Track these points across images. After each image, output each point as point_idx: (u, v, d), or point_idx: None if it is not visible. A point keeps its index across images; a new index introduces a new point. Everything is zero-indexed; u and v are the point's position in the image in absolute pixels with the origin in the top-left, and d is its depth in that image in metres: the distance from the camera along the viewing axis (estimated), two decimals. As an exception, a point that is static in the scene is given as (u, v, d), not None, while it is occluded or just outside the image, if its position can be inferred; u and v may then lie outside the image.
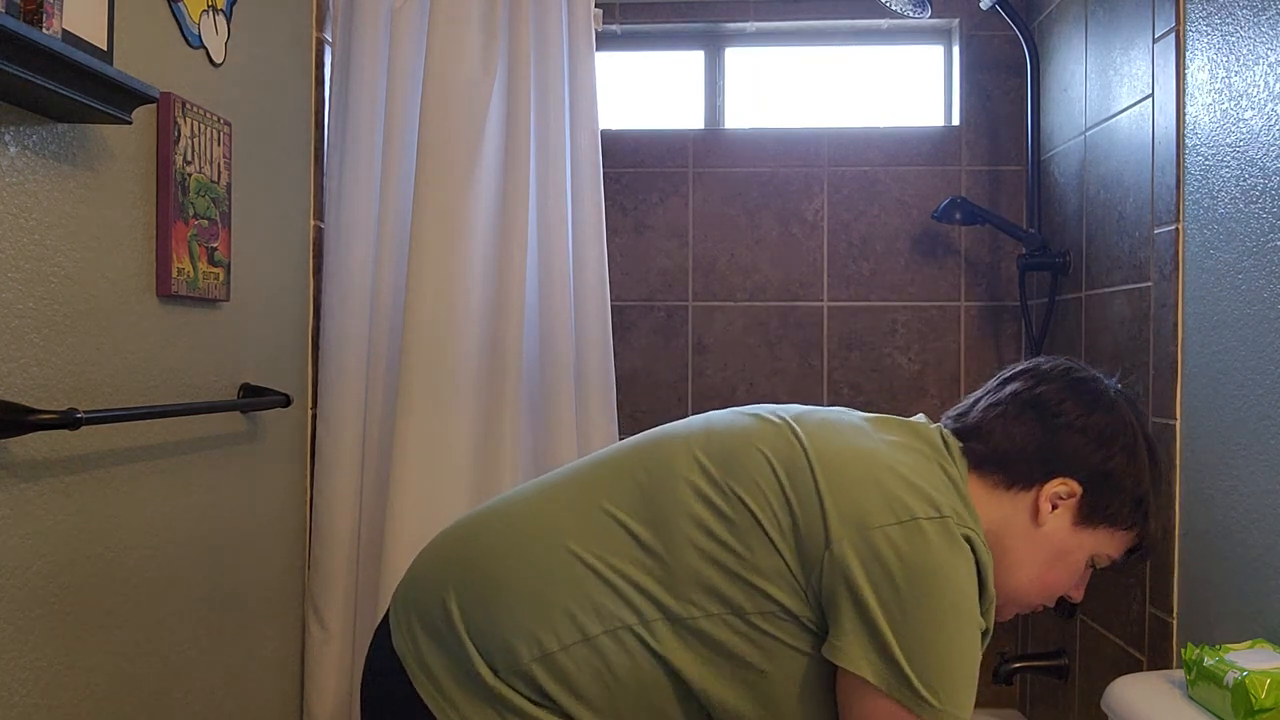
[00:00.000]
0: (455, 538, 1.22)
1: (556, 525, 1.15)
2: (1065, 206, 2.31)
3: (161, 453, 1.57)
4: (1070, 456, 1.17)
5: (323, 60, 2.14)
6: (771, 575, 1.08)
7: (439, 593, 1.16)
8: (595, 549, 1.12)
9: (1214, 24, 1.63)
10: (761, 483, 1.11)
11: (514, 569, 1.13)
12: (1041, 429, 1.17)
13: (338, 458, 2.06)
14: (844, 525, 1.06)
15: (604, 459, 1.23)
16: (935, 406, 2.61)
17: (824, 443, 1.14)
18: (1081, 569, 1.22)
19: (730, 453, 1.15)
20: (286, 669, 2.03)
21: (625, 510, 1.14)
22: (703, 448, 1.16)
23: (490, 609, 1.12)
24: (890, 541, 1.05)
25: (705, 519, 1.10)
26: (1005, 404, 1.20)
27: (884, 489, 1.08)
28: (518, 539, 1.16)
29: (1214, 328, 1.62)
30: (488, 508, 1.25)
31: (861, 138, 2.62)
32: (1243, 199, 1.54)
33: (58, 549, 1.33)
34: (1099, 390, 1.21)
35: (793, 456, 1.12)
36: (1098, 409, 1.18)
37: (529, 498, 1.22)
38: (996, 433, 1.19)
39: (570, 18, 2.14)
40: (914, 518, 1.06)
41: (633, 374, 2.64)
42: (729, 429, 1.19)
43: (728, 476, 1.12)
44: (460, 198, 2.04)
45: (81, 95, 1.21)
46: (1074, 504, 1.18)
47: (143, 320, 1.52)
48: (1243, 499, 1.53)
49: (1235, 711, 1.25)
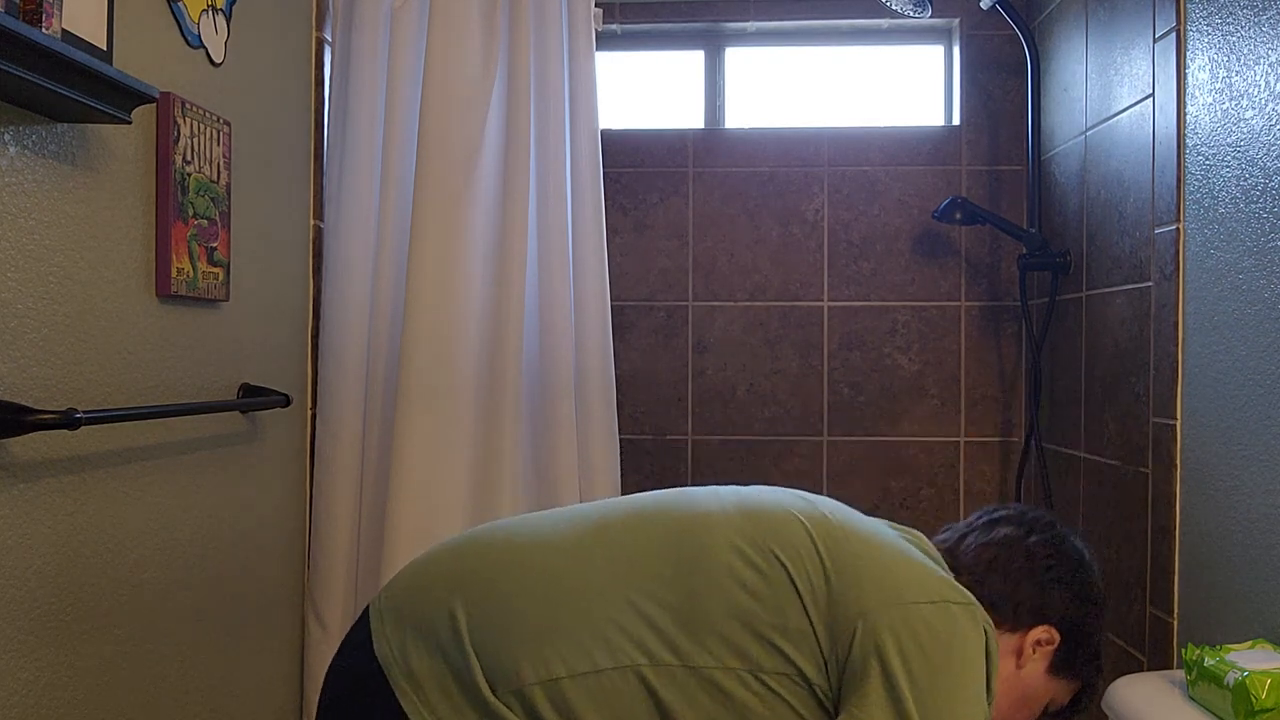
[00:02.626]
0: (466, 552, 1.21)
1: (582, 553, 1.16)
2: (1066, 206, 2.31)
3: (161, 453, 1.57)
4: (1056, 608, 1.24)
5: (323, 60, 2.14)
6: (796, 638, 1.10)
7: (445, 603, 1.15)
8: (621, 583, 1.13)
9: (1214, 24, 1.63)
10: (799, 547, 1.15)
11: (533, 589, 1.13)
12: (1033, 580, 1.25)
13: (337, 457, 2.06)
14: (880, 598, 1.10)
15: (631, 500, 1.26)
16: (935, 407, 2.61)
17: (852, 523, 1.20)
18: (1038, 714, 1.30)
19: (768, 514, 1.19)
20: (286, 668, 2.03)
21: (656, 552, 1.15)
22: (738, 508, 1.21)
23: (501, 624, 1.11)
24: (923, 619, 1.09)
25: (740, 571, 1.13)
26: (998, 548, 1.27)
27: (915, 573, 1.14)
28: (540, 560, 1.16)
29: (1214, 328, 1.62)
30: (503, 527, 1.24)
31: (861, 138, 2.62)
32: (1243, 199, 1.54)
33: (57, 549, 1.33)
34: (1080, 549, 1.30)
35: (829, 529, 1.17)
36: (1081, 567, 1.27)
37: (553, 523, 1.22)
38: (992, 576, 1.25)
39: (570, 18, 2.14)
40: (945, 600, 1.11)
41: (633, 374, 2.64)
42: (761, 496, 1.25)
43: (766, 537, 1.16)
44: (460, 198, 2.04)
45: (81, 95, 1.21)
46: (1050, 651, 1.25)
47: (142, 320, 1.52)
48: (1243, 499, 1.53)
49: (1236, 712, 1.25)
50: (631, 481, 2.64)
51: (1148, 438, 1.85)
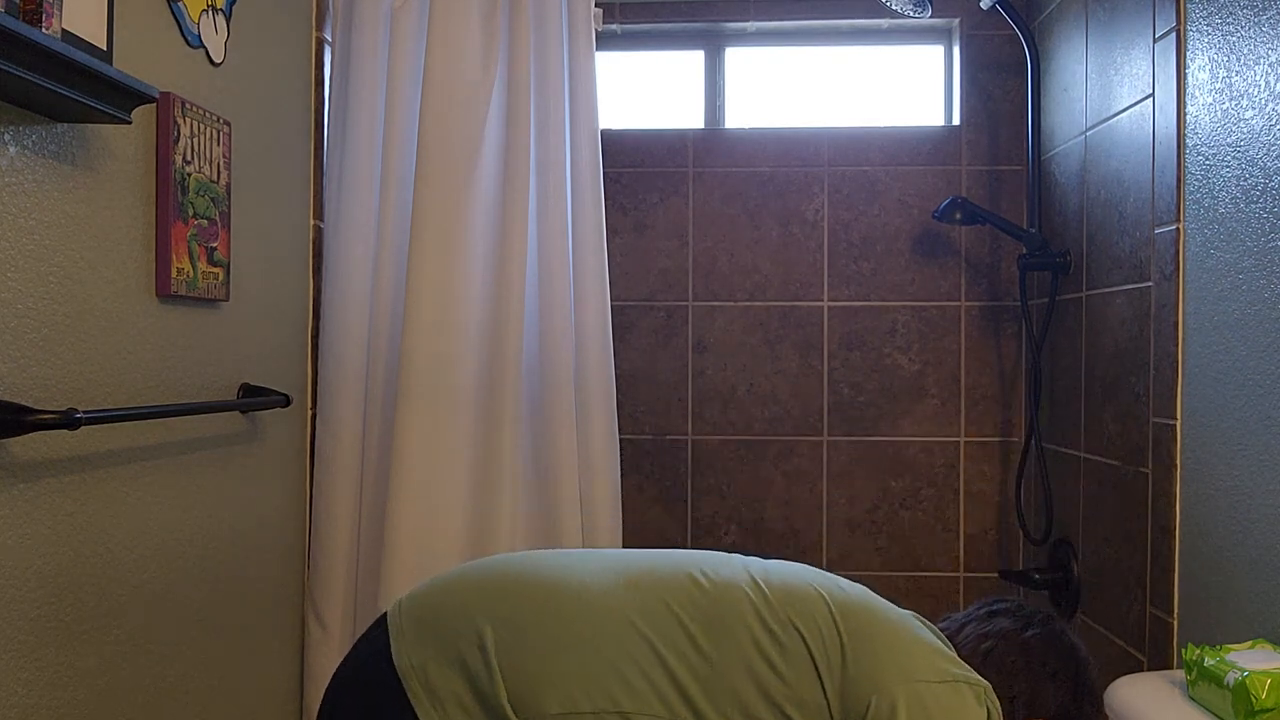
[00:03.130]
0: (498, 577, 1.23)
1: (619, 596, 1.19)
2: (1066, 206, 2.31)
3: (161, 453, 1.57)
4: (1049, 701, 1.27)
5: (323, 60, 2.14)
6: (810, 709, 1.14)
7: (474, 621, 1.16)
8: (654, 633, 1.16)
9: (1214, 24, 1.63)
10: (818, 619, 1.18)
11: (564, 625, 1.15)
12: (1028, 674, 1.28)
13: (337, 457, 2.06)
14: (895, 673, 1.14)
15: (661, 558, 1.28)
16: (935, 406, 2.61)
17: (873, 603, 1.24)
18: None
19: (788, 585, 1.22)
20: (286, 668, 2.03)
21: (684, 609, 1.19)
22: (761, 576, 1.24)
23: (530, 653, 1.13)
24: (935, 696, 1.13)
25: (761, 640, 1.16)
26: (995, 640, 1.30)
27: (927, 653, 1.18)
28: (572, 600, 1.18)
29: (1214, 328, 1.62)
30: (536, 561, 1.27)
31: (861, 138, 2.62)
32: (1243, 199, 1.54)
33: (57, 548, 1.33)
34: (1076, 644, 1.32)
35: (847, 603, 1.21)
36: (1077, 663, 1.30)
37: (584, 566, 1.25)
38: (987, 667, 1.28)
39: (570, 18, 2.14)
40: (955, 680, 1.15)
41: (633, 374, 2.64)
42: (782, 567, 1.29)
43: (786, 606, 1.19)
44: (460, 197, 2.04)
45: (81, 95, 1.21)
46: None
47: (142, 320, 1.52)
48: (1243, 499, 1.53)
49: (1236, 712, 1.25)
50: (632, 482, 2.64)
51: (1148, 438, 1.85)
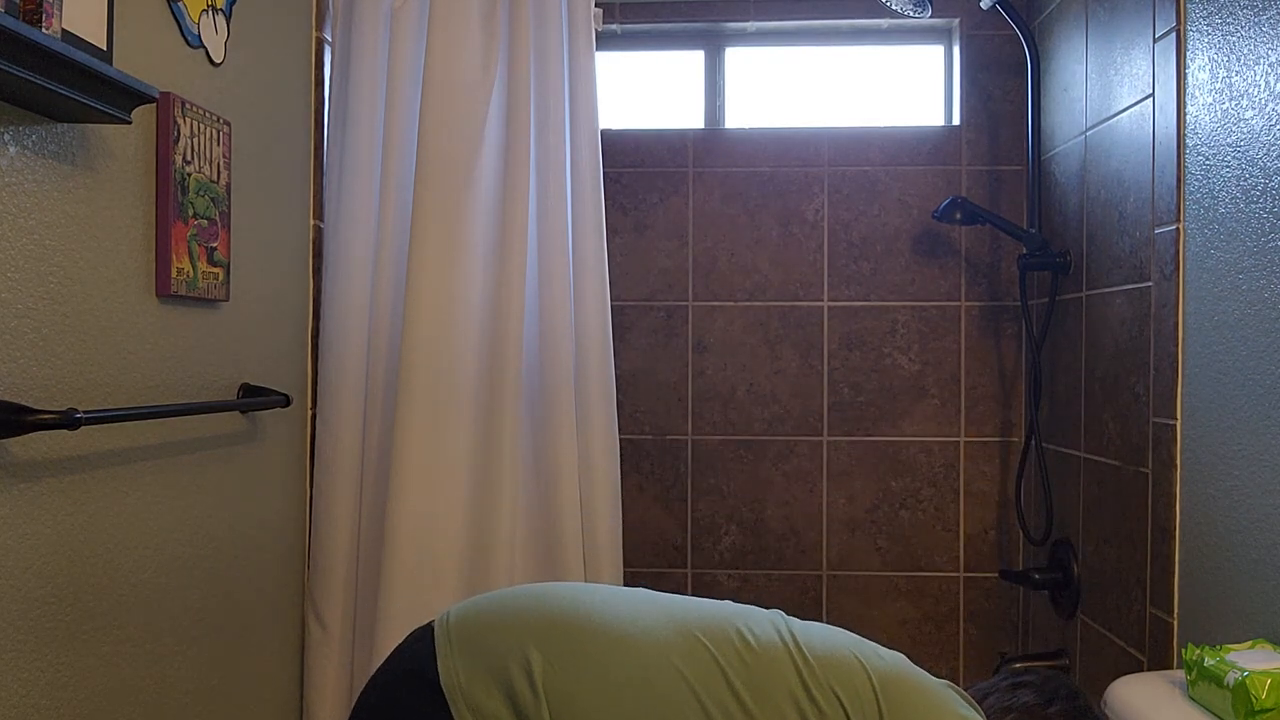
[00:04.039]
0: (552, 604, 1.24)
1: (667, 641, 1.20)
2: (1066, 206, 2.31)
3: (161, 453, 1.57)
4: None
5: (323, 60, 2.14)
6: None
7: (524, 646, 1.18)
8: (699, 684, 1.17)
9: (1214, 24, 1.63)
10: (859, 688, 1.20)
11: (618, 660, 1.17)
12: None
13: (337, 458, 2.06)
14: None
15: (702, 604, 1.29)
16: (935, 406, 2.61)
17: (909, 672, 1.25)
18: None
19: (829, 651, 1.24)
20: (286, 668, 2.03)
21: (729, 663, 1.20)
22: (803, 639, 1.25)
23: (580, 684, 1.14)
24: None
25: (803, 704, 1.17)
26: (1018, 714, 1.32)
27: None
28: (627, 634, 1.20)
29: (1214, 328, 1.62)
30: (588, 592, 1.29)
31: (861, 138, 2.62)
32: (1243, 199, 1.54)
33: (57, 548, 1.33)
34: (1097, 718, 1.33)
35: (886, 673, 1.22)
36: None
37: (635, 604, 1.26)
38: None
39: (570, 18, 2.14)
40: None
41: (633, 374, 2.64)
42: (820, 630, 1.29)
43: (827, 672, 1.21)
44: (460, 197, 2.04)
45: (81, 95, 1.21)
46: None
47: (142, 320, 1.52)
48: (1243, 499, 1.53)
49: (1236, 712, 1.25)
50: (632, 482, 2.64)
51: (1148, 438, 1.85)
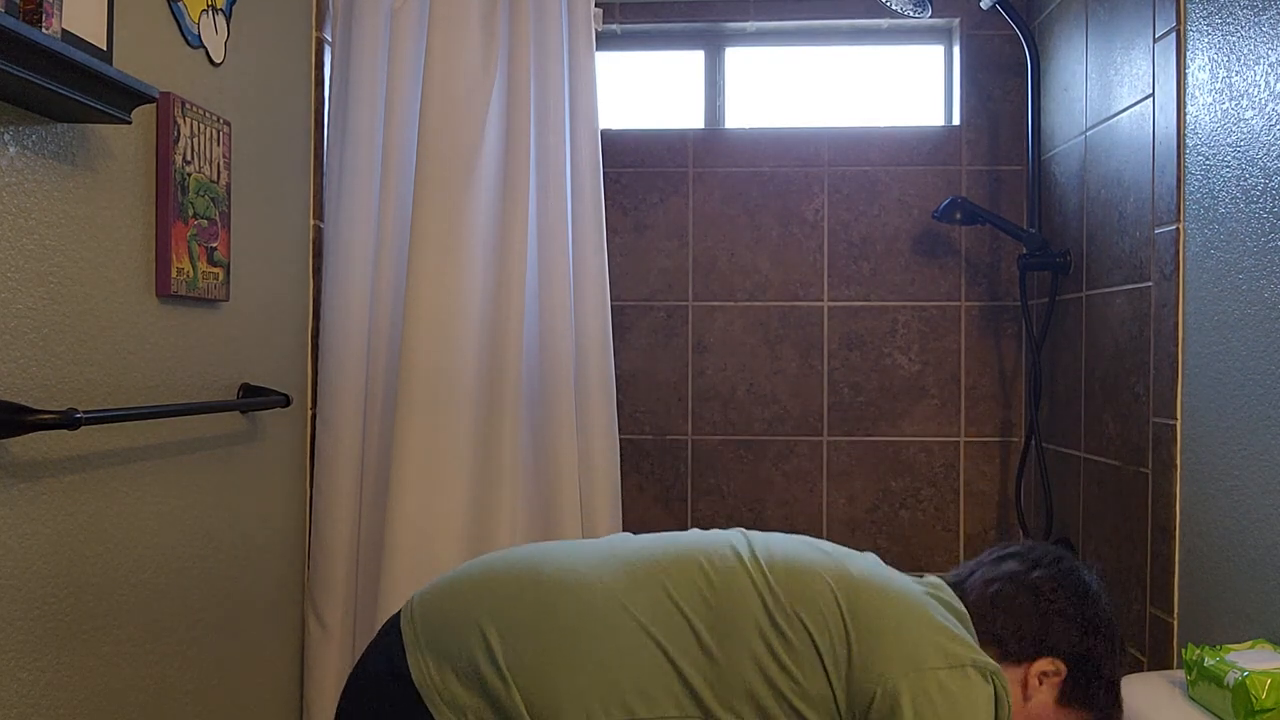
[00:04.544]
0: (504, 574, 1.22)
1: (630, 600, 1.18)
2: (1066, 206, 2.31)
3: (161, 453, 1.57)
4: (1060, 640, 1.27)
5: (323, 60, 2.13)
6: (816, 702, 1.15)
7: (480, 625, 1.16)
8: (663, 636, 1.16)
9: (1214, 24, 1.63)
10: (825, 611, 1.18)
11: (580, 630, 1.15)
12: (1036, 612, 1.28)
13: (337, 457, 2.06)
14: (900, 663, 1.14)
15: (665, 547, 1.26)
16: (935, 406, 2.61)
17: (877, 581, 1.22)
18: None
19: (794, 575, 1.21)
20: (286, 667, 2.03)
21: (691, 608, 1.18)
22: (766, 560, 1.23)
23: (544, 661, 1.13)
24: (940, 684, 1.13)
25: (769, 637, 1.16)
26: (1003, 583, 1.30)
27: (934, 635, 1.17)
28: (587, 600, 1.18)
29: (1214, 328, 1.62)
30: (540, 554, 1.25)
31: (861, 138, 2.62)
32: (1243, 199, 1.54)
33: (57, 548, 1.33)
34: (1086, 582, 1.32)
35: (853, 588, 1.20)
36: (1085, 600, 1.29)
37: (591, 561, 1.23)
38: (996, 611, 1.28)
39: (570, 18, 2.14)
40: (962, 665, 1.15)
41: (633, 374, 2.64)
42: (788, 549, 1.26)
43: (792, 600, 1.18)
44: (460, 197, 2.04)
45: (81, 95, 1.21)
46: (1058, 682, 1.28)
47: (142, 320, 1.52)
48: (1243, 499, 1.53)
49: (1236, 712, 1.25)
50: (632, 482, 2.64)
51: (1148, 438, 1.85)
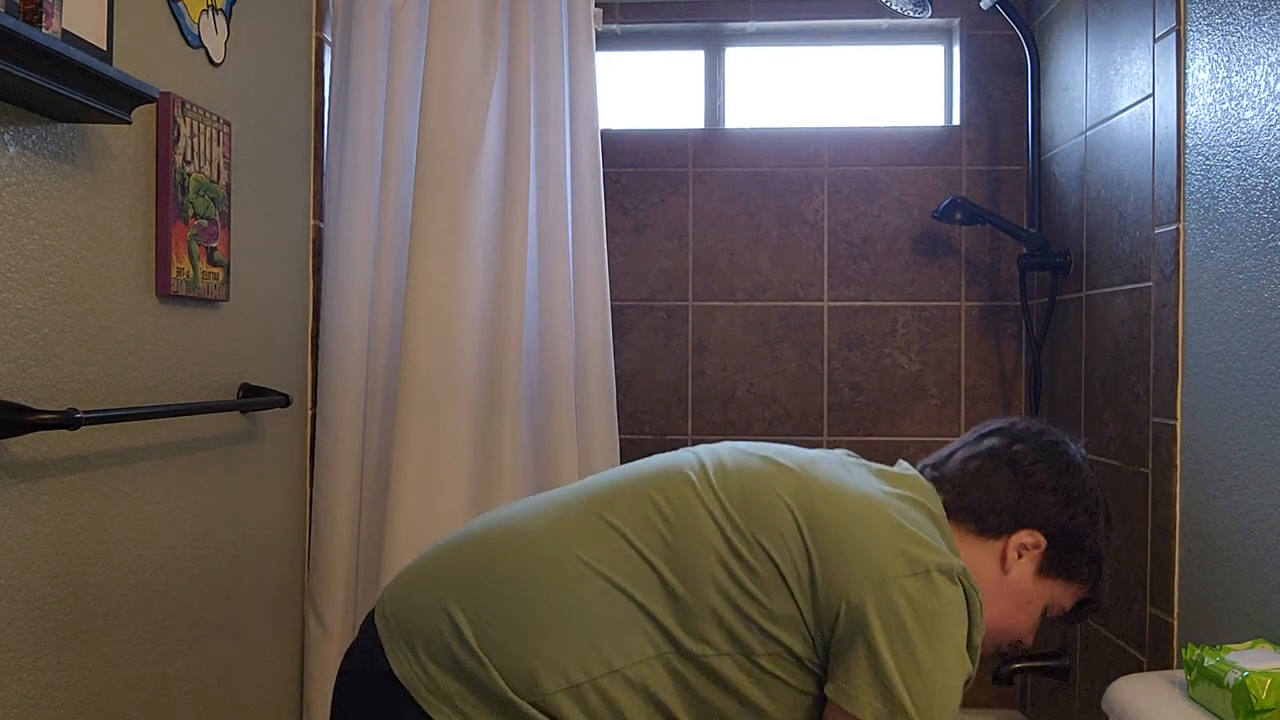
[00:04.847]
0: (458, 559, 1.20)
1: (586, 552, 1.16)
2: (1066, 206, 2.31)
3: (161, 453, 1.57)
4: (1039, 512, 1.26)
5: (323, 60, 2.13)
6: (785, 622, 1.13)
7: (443, 606, 1.15)
8: (626, 581, 1.14)
9: (1214, 24, 1.63)
10: (785, 533, 1.15)
11: (542, 595, 1.13)
12: (1015, 485, 1.27)
13: (337, 457, 2.06)
14: (864, 578, 1.12)
15: (617, 487, 1.23)
16: (935, 406, 2.60)
17: (836, 493, 1.19)
18: (1038, 618, 1.32)
19: (751, 498, 1.18)
20: (286, 667, 2.03)
21: (649, 546, 1.16)
22: (723, 488, 1.19)
23: (513, 634, 1.12)
24: (905, 592, 1.11)
25: (730, 565, 1.14)
26: (982, 459, 1.29)
27: (897, 541, 1.14)
28: (543, 563, 1.16)
29: (1214, 328, 1.62)
30: (492, 525, 1.23)
31: (861, 138, 2.62)
32: (1243, 199, 1.54)
33: (57, 548, 1.33)
34: (1068, 454, 1.30)
35: (812, 504, 1.17)
36: (1066, 472, 1.28)
37: (542, 522, 1.20)
38: (974, 486, 1.27)
39: (570, 18, 2.14)
40: (926, 570, 1.12)
41: (633, 374, 2.64)
42: (744, 470, 1.22)
43: (751, 525, 1.16)
44: (460, 198, 2.04)
45: (81, 95, 1.21)
46: (1038, 555, 1.27)
47: (142, 320, 1.52)
48: (1243, 499, 1.53)
49: (1236, 712, 1.25)
50: (631, 481, 2.63)
51: (1148, 438, 1.85)
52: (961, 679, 1.13)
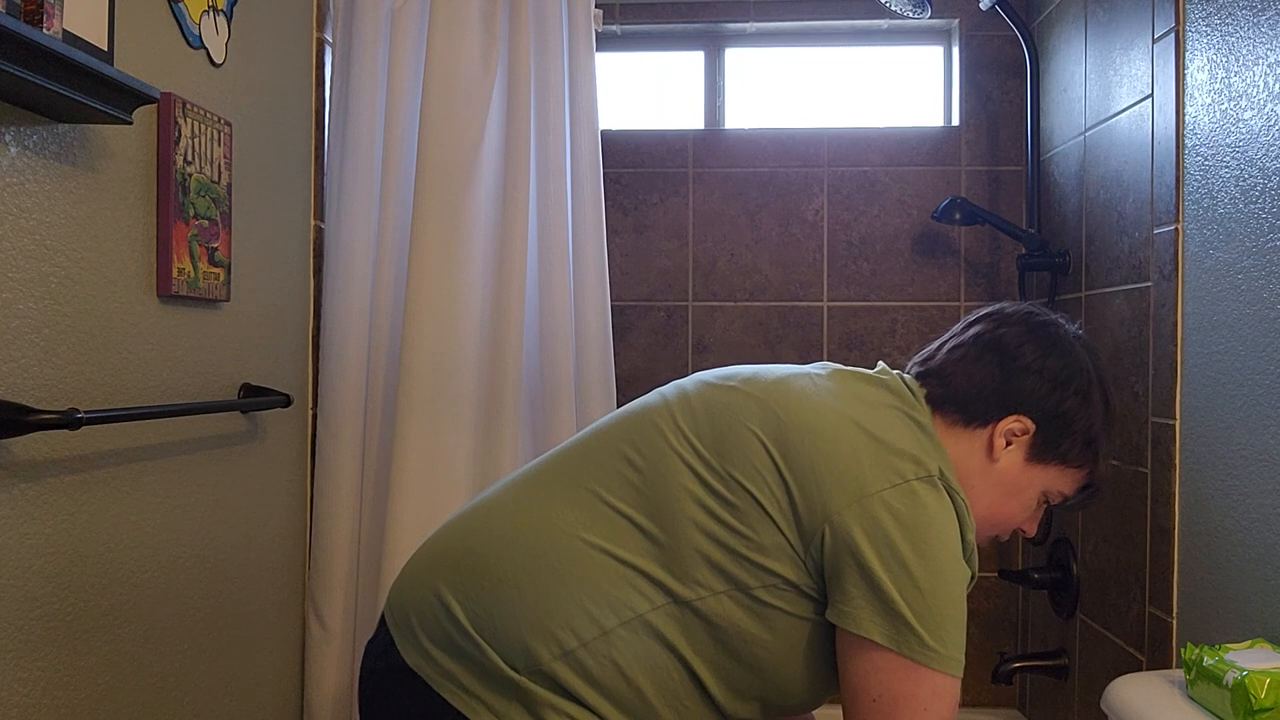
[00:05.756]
0: (445, 543, 1.21)
1: (562, 518, 1.15)
2: (1065, 206, 2.31)
3: (162, 453, 1.57)
4: (1026, 396, 1.21)
5: (323, 60, 2.14)
6: (773, 551, 1.11)
7: (435, 592, 1.16)
8: (604, 540, 1.13)
9: (1214, 24, 1.63)
10: (758, 464, 1.13)
11: (523, 566, 1.13)
12: (1000, 370, 1.22)
13: (338, 457, 2.06)
14: (842, 497, 1.09)
15: (589, 447, 1.22)
16: (935, 406, 2.61)
17: (806, 414, 1.16)
18: (1034, 505, 1.27)
19: (721, 434, 1.16)
20: (286, 668, 2.03)
21: (624, 501, 1.15)
22: (692, 429, 1.18)
23: (501, 610, 1.12)
24: (887, 506, 1.08)
25: (708, 504, 1.12)
26: (968, 346, 1.25)
27: (872, 454, 1.12)
28: (521, 535, 1.16)
29: (1214, 328, 1.62)
30: (475, 505, 1.24)
31: (861, 138, 2.62)
32: (1242, 199, 1.54)
33: (58, 549, 1.33)
34: (1058, 334, 1.25)
35: (781, 431, 1.15)
36: (1055, 353, 1.22)
37: (518, 495, 1.21)
38: (958, 374, 1.23)
39: (570, 18, 2.14)
40: (905, 480, 1.10)
41: (633, 374, 2.65)
42: (712, 406, 1.20)
43: (724, 462, 1.14)
44: (460, 198, 2.04)
45: (82, 95, 1.21)
46: (1027, 441, 1.22)
47: (143, 320, 1.52)
48: (1243, 499, 1.53)
49: (1235, 711, 1.25)
50: (631, 481, 2.64)
51: (1147, 437, 1.85)
52: (963, 585, 1.10)
